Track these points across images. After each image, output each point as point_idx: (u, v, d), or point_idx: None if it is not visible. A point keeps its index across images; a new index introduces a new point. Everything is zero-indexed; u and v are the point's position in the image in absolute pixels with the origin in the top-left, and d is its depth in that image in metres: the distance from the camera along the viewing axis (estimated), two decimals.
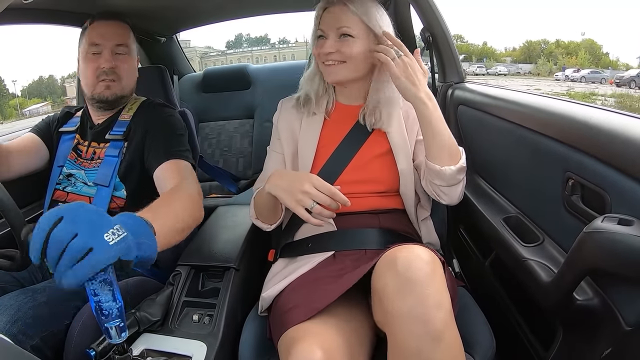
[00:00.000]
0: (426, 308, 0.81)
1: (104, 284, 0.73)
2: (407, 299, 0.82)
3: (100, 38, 1.36)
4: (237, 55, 47.47)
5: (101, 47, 1.35)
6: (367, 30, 1.16)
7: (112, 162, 1.34)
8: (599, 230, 0.73)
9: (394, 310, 0.84)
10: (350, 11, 1.15)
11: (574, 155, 0.90)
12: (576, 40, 40.40)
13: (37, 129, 1.47)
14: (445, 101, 1.54)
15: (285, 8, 2.22)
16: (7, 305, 1.01)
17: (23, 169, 1.40)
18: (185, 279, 1.22)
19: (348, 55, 1.16)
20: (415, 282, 0.83)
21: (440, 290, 0.84)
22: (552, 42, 40.66)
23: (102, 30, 1.37)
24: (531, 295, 1.01)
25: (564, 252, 0.97)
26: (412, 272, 0.84)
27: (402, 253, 0.88)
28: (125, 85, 1.40)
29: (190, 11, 2.00)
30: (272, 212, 1.20)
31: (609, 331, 0.80)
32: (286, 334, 0.95)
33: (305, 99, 1.28)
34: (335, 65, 1.17)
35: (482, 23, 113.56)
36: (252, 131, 2.33)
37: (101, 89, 1.36)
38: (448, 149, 1.11)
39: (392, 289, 0.85)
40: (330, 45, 1.17)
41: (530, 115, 1.09)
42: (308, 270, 1.12)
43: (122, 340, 0.79)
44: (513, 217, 1.17)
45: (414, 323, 0.81)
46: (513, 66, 39.10)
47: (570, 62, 36.41)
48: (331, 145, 1.23)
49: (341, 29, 1.16)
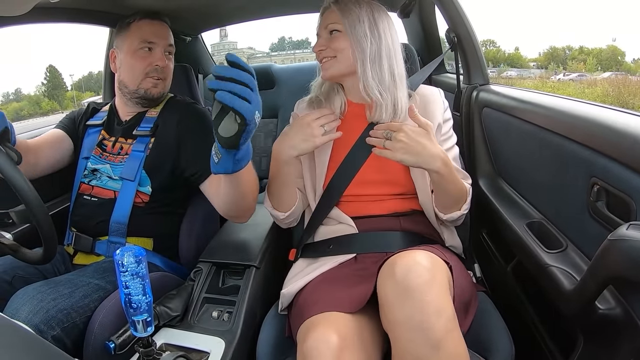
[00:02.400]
0: (425, 315, 0.80)
1: (136, 277, 0.75)
2: (405, 306, 0.82)
3: (155, 37, 1.40)
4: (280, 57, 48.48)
5: (155, 46, 1.40)
6: (351, 24, 1.18)
7: (139, 157, 1.36)
8: (623, 238, 0.71)
9: (394, 318, 0.84)
10: (332, 10, 1.20)
11: (599, 160, 0.88)
12: (599, 47, 39.68)
13: (62, 125, 1.51)
14: (470, 103, 1.52)
15: (306, 8, 2.22)
16: (31, 295, 1.04)
17: (50, 165, 1.44)
18: (206, 275, 1.24)
19: (337, 49, 1.19)
20: (414, 290, 0.82)
21: (440, 296, 0.83)
22: (576, 48, 40.07)
23: (155, 29, 1.42)
24: (552, 303, 0.99)
25: (587, 259, 0.95)
26: (410, 280, 0.84)
27: (402, 260, 0.88)
28: (167, 84, 1.46)
29: (214, 12, 2.03)
30: (286, 190, 1.23)
31: (631, 341, 0.78)
32: (304, 323, 0.96)
33: (317, 101, 1.30)
34: (328, 61, 1.21)
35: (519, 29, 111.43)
36: (275, 130, 2.33)
37: (148, 86, 1.40)
38: (456, 200, 1.17)
39: (391, 297, 0.85)
40: (320, 43, 1.22)
41: (556, 118, 1.07)
42: (329, 269, 1.13)
43: (147, 334, 0.80)
44: (536, 222, 1.15)
45: (414, 331, 0.81)
46: (527, 71, 39.30)
47: (579, 67, 36.09)
48: (346, 146, 1.23)
49: (328, 27, 1.21)
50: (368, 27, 1.17)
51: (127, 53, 1.40)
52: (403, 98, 1.20)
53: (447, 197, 1.16)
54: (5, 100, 46.91)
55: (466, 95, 1.54)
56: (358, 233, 1.19)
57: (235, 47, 47.25)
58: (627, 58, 38.77)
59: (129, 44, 1.40)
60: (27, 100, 46.67)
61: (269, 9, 2.21)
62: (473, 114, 1.50)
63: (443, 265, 0.92)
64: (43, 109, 39.21)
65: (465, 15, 1.44)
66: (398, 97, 1.19)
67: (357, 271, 1.09)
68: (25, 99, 47.83)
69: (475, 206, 1.23)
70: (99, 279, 1.18)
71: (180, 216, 1.48)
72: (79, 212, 1.37)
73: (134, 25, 1.40)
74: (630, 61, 39.21)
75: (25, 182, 0.96)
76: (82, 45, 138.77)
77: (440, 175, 1.08)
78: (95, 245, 1.34)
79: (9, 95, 48.64)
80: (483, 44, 40.84)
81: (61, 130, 1.49)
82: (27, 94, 49.30)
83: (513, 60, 41.50)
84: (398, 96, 1.19)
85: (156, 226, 1.38)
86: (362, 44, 1.17)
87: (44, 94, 44.46)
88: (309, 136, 1.13)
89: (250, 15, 2.32)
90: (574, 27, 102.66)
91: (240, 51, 48.76)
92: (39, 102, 44.44)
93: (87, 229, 1.35)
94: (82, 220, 1.36)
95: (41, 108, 41.65)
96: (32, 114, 41.36)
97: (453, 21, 1.47)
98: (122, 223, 1.32)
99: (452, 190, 1.13)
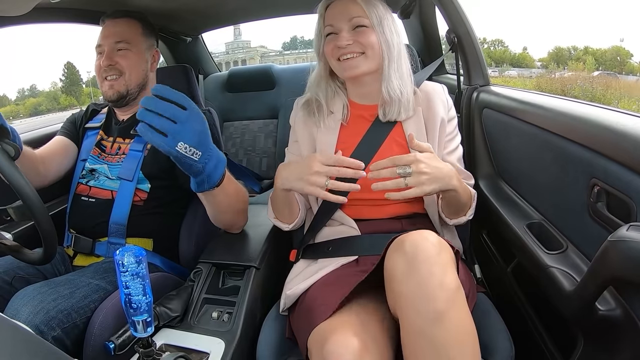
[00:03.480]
0: (429, 287, 0.80)
1: (136, 277, 0.75)
2: (411, 279, 0.82)
3: (102, 39, 1.40)
4: (293, 56, 49.02)
5: (103, 47, 1.40)
6: (378, 19, 1.15)
7: (137, 156, 1.37)
8: (623, 239, 0.71)
9: (401, 291, 0.84)
10: (356, 2, 1.14)
11: (599, 161, 0.88)
12: (603, 47, 39.96)
13: (65, 131, 1.52)
14: (470, 104, 1.52)
15: (306, 9, 2.22)
16: (31, 296, 1.04)
17: (58, 174, 1.45)
18: (206, 276, 1.24)
19: (367, 45, 1.14)
20: (421, 262, 0.83)
21: (445, 269, 0.83)
22: (581, 48, 40.38)
23: (105, 31, 1.41)
24: (552, 304, 0.99)
25: (587, 260, 0.95)
26: (418, 252, 0.84)
27: (411, 236, 0.88)
28: (129, 80, 1.42)
29: (214, 12, 2.03)
30: (288, 208, 1.21)
31: (631, 342, 0.78)
32: (317, 329, 0.93)
33: (317, 104, 1.27)
34: (355, 57, 1.15)
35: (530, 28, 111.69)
36: (275, 131, 2.34)
37: (106, 89, 1.40)
38: (463, 207, 1.17)
39: (400, 270, 0.85)
40: (346, 37, 1.14)
41: (556, 119, 1.07)
42: (332, 271, 1.12)
43: (147, 334, 0.80)
44: (536, 223, 1.15)
45: (419, 302, 0.81)
46: (527, 70, 39.75)
47: (578, 67, 36.46)
48: (349, 148, 1.21)
49: (353, 20, 1.14)
50: (392, 22, 1.16)
51: None
52: (412, 94, 1.21)
53: (457, 206, 1.16)
54: (21, 96, 47.49)
55: (466, 96, 1.54)
56: (360, 235, 1.19)
57: (249, 45, 48.15)
58: (635, 58, 39.03)
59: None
60: (44, 96, 47.29)
61: (269, 9, 2.21)
62: (473, 114, 1.50)
63: (449, 247, 0.91)
64: (61, 104, 39.75)
65: (466, 16, 1.44)
66: (410, 94, 1.19)
67: (358, 272, 1.09)
68: (40, 95, 48.41)
69: (476, 207, 1.23)
70: (99, 279, 1.18)
71: (180, 216, 1.48)
72: (77, 213, 1.37)
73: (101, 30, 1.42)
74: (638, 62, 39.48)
75: (24, 180, 0.96)
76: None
77: (456, 192, 1.07)
78: (95, 247, 1.34)
79: (24, 91, 49.15)
80: (492, 43, 40.99)
81: (65, 137, 1.50)
82: (42, 90, 49.86)
83: (519, 60, 41.69)
84: (410, 93, 1.20)
85: (156, 226, 1.38)
86: (390, 40, 1.15)
87: (62, 90, 44.94)
88: (307, 177, 1.03)
89: (250, 15, 2.32)
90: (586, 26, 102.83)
91: (254, 49, 49.20)
92: (57, 98, 44.99)
93: (86, 231, 1.35)
94: (80, 222, 1.36)
95: (59, 103, 42.25)
96: (50, 109, 41.89)
97: (453, 22, 1.47)
98: (121, 224, 1.32)
99: (462, 199, 1.12)
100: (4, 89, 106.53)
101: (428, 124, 1.22)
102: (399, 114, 1.19)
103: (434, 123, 1.21)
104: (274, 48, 55.40)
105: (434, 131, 1.21)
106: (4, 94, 57.01)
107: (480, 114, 1.47)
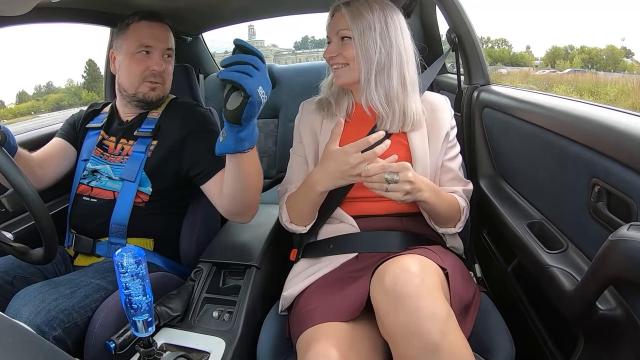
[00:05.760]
0: (420, 320, 0.80)
1: (135, 278, 0.75)
2: (400, 314, 0.83)
3: (153, 40, 1.38)
4: (305, 55, 49.63)
5: (152, 49, 1.38)
6: (359, 31, 1.15)
7: (139, 158, 1.36)
8: (624, 238, 0.70)
9: (390, 327, 0.85)
10: (342, 15, 1.16)
11: (600, 161, 0.88)
12: (599, 47, 40.18)
13: (63, 133, 1.51)
14: (471, 103, 1.52)
15: (309, 8, 2.21)
16: (32, 296, 1.04)
17: (56, 176, 1.44)
18: (206, 275, 1.24)
19: (349, 57, 1.16)
20: (406, 296, 0.83)
21: (432, 299, 0.83)
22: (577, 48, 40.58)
23: (154, 31, 1.39)
24: (553, 303, 0.98)
25: (588, 259, 0.95)
26: (400, 287, 0.84)
27: (390, 267, 0.89)
28: (167, 87, 1.44)
29: (216, 12, 2.02)
30: (314, 210, 1.21)
31: (632, 342, 0.78)
32: (305, 333, 0.96)
33: (326, 102, 1.28)
34: (340, 68, 1.19)
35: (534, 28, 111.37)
36: (276, 131, 2.34)
37: (146, 90, 1.38)
38: (449, 219, 1.18)
39: (385, 306, 0.86)
40: (332, 50, 1.19)
41: (557, 119, 1.06)
42: (330, 271, 1.13)
43: (148, 334, 0.81)
44: (537, 222, 1.15)
45: (411, 337, 0.81)
46: (517, 68, 40.47)
47: (566, 65, 36.91)
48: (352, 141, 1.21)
49: (340, 32, 1.17)
50: (379, 34, 1.14)
51: (125, 55, 1.39)
52: (415, 105, 1.20)
53: (439, 217, 1.17)
54: (38, 92, 48.06)
55: (467, 95, 1.54)
56: (359, 232, 1.19)
57: (263, 45, 48.97)
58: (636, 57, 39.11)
59: (127, 46, 1.38)
60: (63, 92, 48.25)
61: (270, 9, 2.21)
62: (474, 114, 1.50)
63: (435, 269, 0.92)
64: (83, 99, 40.40)
65: (466, 15, 1.44)
66: (408, 105, 1.18)
67: (357, 271, 1.09)
68: (59, 91, 49.12)
69: (476, 206, 1.23)
70: (100, 279, 1.18)
71: (180, 216, 1.48)
72: (78, 214, 1.37)
73: (132, 26, 1.38)
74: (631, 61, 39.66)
75: (23, 179, 0.97)
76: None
77: (429, 204, 1.09)
78: (95, 247, 1.34)
79: (41, 88, 49.64)
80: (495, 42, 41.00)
81: (63, 139, 1.49)
82: (59, 87, 50.46)
83: (517, 59, 41.79)
84: (409, 104, 1.19)
85: (157, 226, 1.38)
86: (369, 53, 1.14)
87: (84, 86, 45.58)
88: (348, 172, 1.06)
89: (251, 15, 2.31)
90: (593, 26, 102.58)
91: (267, 49, 49.69)
92: (78, 93, 45.80)
93: (86, 231, 1.35)
94: (81, 222, 1.36)
95: (81, 99, 43.10)
96: (71, 104, 42.56)
97: (454, 21, 1.47)
98: (122, 224, 1.32)
99: (443, 210, 1.14)
100: (23, 86, 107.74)
101: (432, 134, 1.22)
102: (391, 126, 1.19)
103: (438, 135, 1.22)
104: (285, 47, 55.86)
105: (437, 143, 1.22)
106: (23, 89, 58.23)
107: (481, 114, 1.47)
